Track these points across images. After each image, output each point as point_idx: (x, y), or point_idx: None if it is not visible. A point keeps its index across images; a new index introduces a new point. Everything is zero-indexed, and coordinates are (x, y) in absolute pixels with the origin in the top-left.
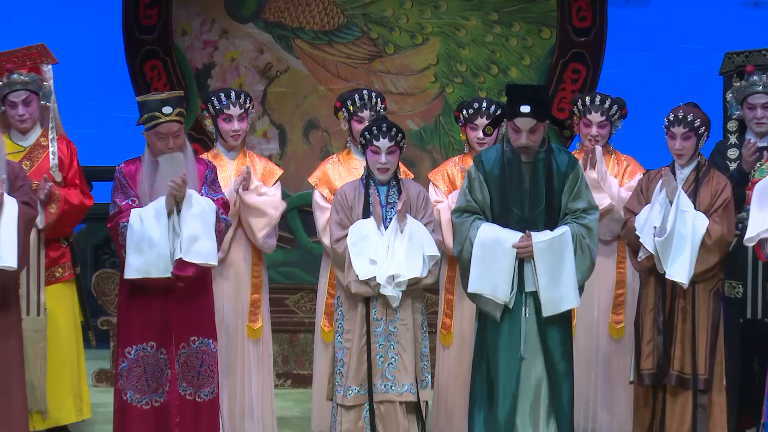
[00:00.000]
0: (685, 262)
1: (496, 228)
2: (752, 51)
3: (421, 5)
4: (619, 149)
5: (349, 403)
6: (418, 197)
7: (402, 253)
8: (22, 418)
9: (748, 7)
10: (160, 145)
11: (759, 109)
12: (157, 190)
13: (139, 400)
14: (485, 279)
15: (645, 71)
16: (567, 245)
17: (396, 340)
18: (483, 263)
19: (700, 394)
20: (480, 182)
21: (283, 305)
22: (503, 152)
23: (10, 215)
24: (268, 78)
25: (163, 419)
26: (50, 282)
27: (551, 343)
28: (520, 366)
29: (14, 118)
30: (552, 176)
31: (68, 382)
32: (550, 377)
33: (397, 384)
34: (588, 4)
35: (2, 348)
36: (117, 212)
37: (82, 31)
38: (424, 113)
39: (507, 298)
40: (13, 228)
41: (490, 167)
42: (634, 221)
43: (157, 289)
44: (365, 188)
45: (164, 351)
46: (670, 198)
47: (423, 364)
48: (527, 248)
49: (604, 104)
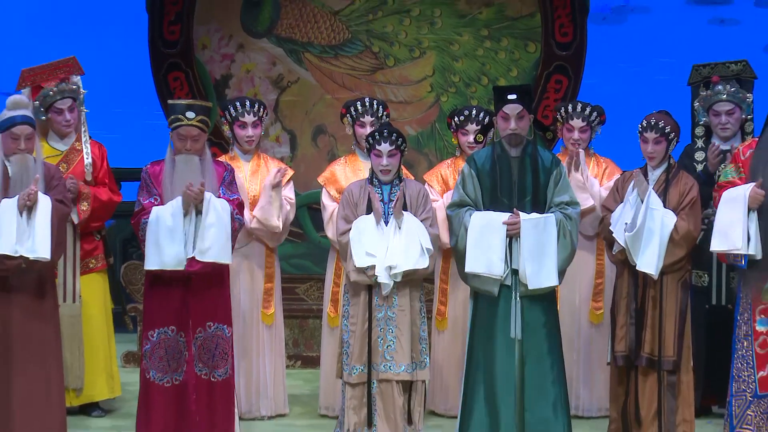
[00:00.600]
0: (654, 255)
1: (487, 212)
2: (717, 63)
3: (419, 22)
4: (599, 152)
5: (353, 380)
6: (419, 195)
7: (400, 247)
8: (59, 395)
9: (714, 25)
10: (179, 145)
11: (723, 116)
12: (175, 187)
13: (161, 379)
14: (480, 258)
15: (621, 82)
16: (552, 228)
17: (394, 325)
18: (477, 244)
19: (669, 375)
20: (472, 178)
21: (293, 293)
22: (494, 150)
23: (44, 211)
24: (280, 88)
25: (182, 396)
26: (85, 272)
27: (540, 323)
28: (513, 345)
29: (61, 124)
30: (538, 170)
31: (101, 363)
32: (541, 355)
33: (395, 364)
34: (569, 21)
35: (41, 332)
36: (140, 210)
37: (112, 46)
38: (421, 120)
39: (502, 272)
40: (46, 223)
41: (482, 164)
42: (610, 218)
43: (176, 280)
44: (370, 187)
45: (183, 335)
46: (642, 197)
47: (421, 346)
48: (515, 225)
49: (585, 111)
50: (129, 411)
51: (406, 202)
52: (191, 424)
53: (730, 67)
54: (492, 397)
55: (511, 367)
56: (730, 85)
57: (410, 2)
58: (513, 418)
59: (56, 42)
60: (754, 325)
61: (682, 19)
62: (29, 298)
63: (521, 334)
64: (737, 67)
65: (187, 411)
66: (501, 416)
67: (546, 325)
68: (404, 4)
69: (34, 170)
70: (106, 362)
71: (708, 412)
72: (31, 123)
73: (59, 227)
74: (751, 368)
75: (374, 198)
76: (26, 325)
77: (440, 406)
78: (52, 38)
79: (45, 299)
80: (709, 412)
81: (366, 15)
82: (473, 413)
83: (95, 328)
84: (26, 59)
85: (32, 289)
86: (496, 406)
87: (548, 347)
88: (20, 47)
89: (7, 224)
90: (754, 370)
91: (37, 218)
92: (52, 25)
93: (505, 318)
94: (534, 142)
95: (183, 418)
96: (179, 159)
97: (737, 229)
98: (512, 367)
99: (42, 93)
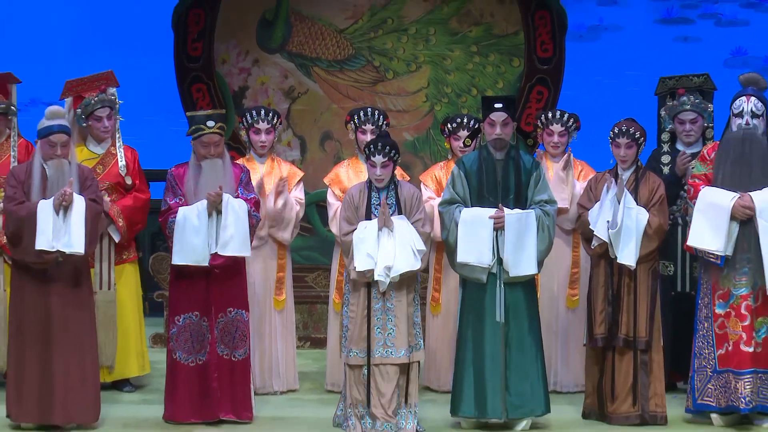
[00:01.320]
0: (632, 249)
1: (475, 208)
2: (681, 76)
3: (415, 39)
4: (576, 155)
5: (351, 363)
6: (413, 197)
7: (395, 250)
8: (94, 373)
9: (679, 42)
10: (204, 151)
11: (687, 124)
12: (201, 188)
13: (186, 359)
14: (471, 249)
15: (596, 92)
16: (532, 222)
17: (393, 314)
18: (467, 237)
19: (642, 353)
20: (461, 179)
21: (303, 282)
22: (480, 154)
23: (79, 210)
24: (291, 98)
25: (205, 374)
26: (118, 263)
27: (521, 308)
28: (499, 327)
29: (99, 130)
30: (520, 171)
31: (132, 344)
32: (522, 336)
33: (396, 350)
34: (550, 39)
35: (76, 317)
36: (167, 209)
37: (143, 61)
38: (417, 127)
39: (491, 261)
40: (81, 221)
41: (470, 165)
42: (587, 215)
43: (199, 271)
44: (368, 191)
45: (206, 319)
46: (619, 198)
47: (416, 331)
48: (501, 219)
49: (563, 118)
50: (157, 387)
51: (400, 203)
52: (213, 399)
53: (693, 80)
54: (480, 374)
55: (497, 347)
56: (694, 96)
57: (408, 22)
58: (499, 393)
59: (94, 57)
60: (713, 309)
61: (650, 36)
62: (66, 287)
63: (504, 317)
64: (699, 80)
65: (210, 388)
66: (488, 391)
67: (527, 309)
68: (402, 24)
69: (69, 173)
70: (136, 343)
71: (674, 388)
72: (67, 131)
73: (93, 223)
74: (711, 347)
75: (384, 206)
76: (64, 311)
77: (434, 383)
78: (91, 54)
79: (80, 288)
80: (675, 388)
81: (368, 33)
82: (463, 389)
83: (127, 313)
84: (68, 73)
85: (69, 279)
86: (484, 382)
87: (528, 328)
88: (63, 62)
89: (45, 223)
90: (714, 348)
91: (72, 217)
92: (90, 42)
93: (491, 303)
94: (516, 146)
95: (205, 395)
96: (205, 164)
97: (721, 235)
98: (498, 347)
99: (84, 102)
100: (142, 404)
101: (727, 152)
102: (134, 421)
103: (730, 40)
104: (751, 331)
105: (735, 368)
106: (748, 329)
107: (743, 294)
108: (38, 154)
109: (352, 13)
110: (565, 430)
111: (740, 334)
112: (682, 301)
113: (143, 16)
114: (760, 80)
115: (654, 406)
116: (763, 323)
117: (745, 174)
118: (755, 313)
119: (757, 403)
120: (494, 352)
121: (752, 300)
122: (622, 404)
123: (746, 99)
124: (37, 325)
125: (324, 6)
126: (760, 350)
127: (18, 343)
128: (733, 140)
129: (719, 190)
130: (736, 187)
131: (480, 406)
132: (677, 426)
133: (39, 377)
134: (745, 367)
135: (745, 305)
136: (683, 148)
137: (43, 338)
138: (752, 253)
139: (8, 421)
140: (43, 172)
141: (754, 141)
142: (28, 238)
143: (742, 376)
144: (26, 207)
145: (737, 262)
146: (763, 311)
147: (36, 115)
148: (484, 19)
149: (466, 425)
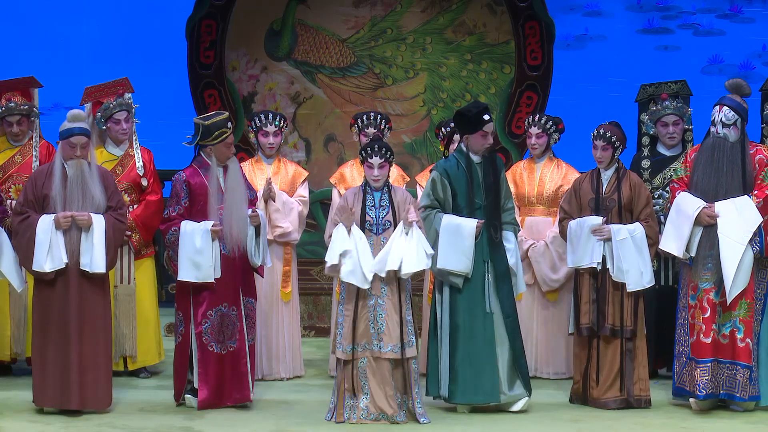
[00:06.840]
0: (645, 270)
1: (454, 217)
2: (661, 83)
3: (413, 48)
4: (560, 157)
5: (343, 357)
6: (405, 201)
7: (410, 251)
8: (107, 360)
9: (659, 51)
10: (228, 152)
11: (670, 126)
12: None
13: (219, 348)
14: (452, 257)
15: (582, 98)
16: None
17: (384, 311)
18: (450, 245)
19: (627, 342)
20: (443, 184)
21: (308, 275)
22: (458, 160)
23: (99, 230)
24: (297, 103)
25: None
26: (137, 258)
27: (505, 300)
28: (491, 317)
29: (118, 132)
30: (496, 169)
31: (151, 333)
32: (506, 325)
33: (384, 345)
34: (539, 48)
35: (93, 310)
36: (168, 220)
37: (158, 67)
38: (415, 130)
39: (469, 269)
40: (101, 240)
41: (453, 172)
42: (567, 226)
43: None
44: (363, 193)
45: (234, 308)
46: (608, 238)
47: (408, 328)
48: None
49: (541, 121)
50: (171, 373)
51: (393, 206)
52: (245, 383)
53: (671, 86)
54: (476, 361)
55: (490, 334)
56: (676, 101)
57: (406, 32)
58: (492, 377)
59: (114, 64)
60: (688, 300)
61: (633, 45)
62: (86, 283)
63: (491, 307)
64: (676, 86)
65: (241, 373)
66: (484, 375)
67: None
68: (401, 33)
69: (88, 173)
70: (155, 333)
71: (655, 375)
72: (87, 134)
73: (114, 240)
74: (686, 335)
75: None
76: (82, 304)
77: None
78: (111, 61)
79: (98, 283)
80: (656, 375)
81: (369, 42)
82: (458, 373)
83: (146, 305)
84: (89, 79)
85: (88, 276)
86: (480, 369)
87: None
88: (84, 69)
89: (41, 245)
90: (688, 336)
91: (94, 237)
92: (110, 50)
93: (481, 295)
94: (492, 147)
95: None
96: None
97: (682, 242)
98: (491, 334)
99: (103, 106)
100: (157, 389)
101: (699, 159)
102: (149, 405)
103: (707, 49)
104: (711, 324)
105: (696, 357)
106: (708, 321)
107: (706, 288)
108: (59, 154)
109: (354, 24)
110: (553, 412)
111: (701, 326)
112: (665, 295)
113: (159, 26)
114: (744, 86)
115: (638, 390)
116: (729, 318)
117: (713, 181)
118: (720, 307)
119: (711, 391)
120: (486, 338)
121: (714, 294)
122: (609, 389)
123: (719, 108)
124: (57, 316)
125: (328, 17)
126: (726, 342)
127: (41, 333)
128: (705, 148)
129: (689, 199)
130: (705, 192)
131: (476, 391)
132: (660, 409)
133: (59, 365)
134: (704, 356)
135: (707, 299)
136: (665, 151)
137: (62, 328)
138: (714, 251)
139: (33, 405)
140: (63, 171)
141: (723, 149)
142: (26, 259)
143: (699, 365)
144: (27, 226)
145: (702, 259)
146: (730, 308)
147: (58, 119)
148: (477, 29)
149: (463, 410)
